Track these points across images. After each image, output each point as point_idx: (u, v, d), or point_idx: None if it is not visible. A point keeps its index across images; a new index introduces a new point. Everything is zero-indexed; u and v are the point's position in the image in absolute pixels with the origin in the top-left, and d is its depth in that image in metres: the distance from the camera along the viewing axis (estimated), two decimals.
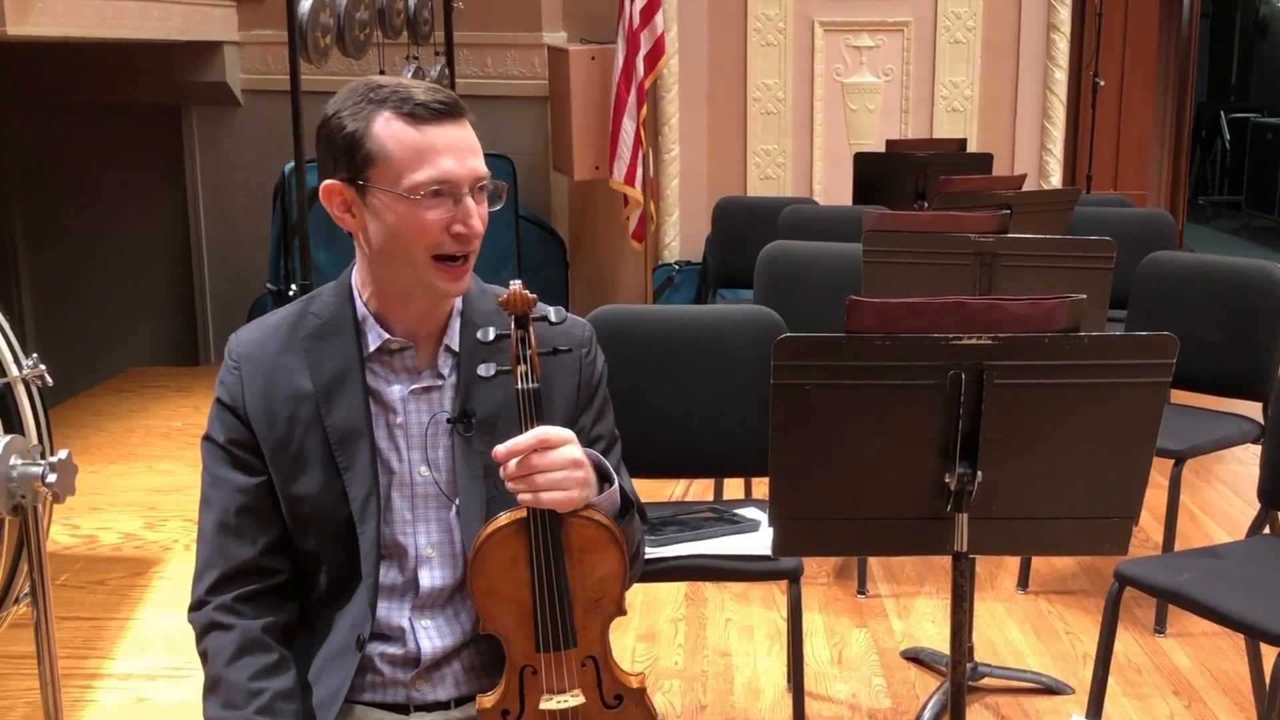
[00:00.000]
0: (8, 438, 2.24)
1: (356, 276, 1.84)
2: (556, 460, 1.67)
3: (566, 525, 1.72)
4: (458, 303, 1.85)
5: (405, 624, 1.82)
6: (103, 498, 4.45)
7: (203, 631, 1.80)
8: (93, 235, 7.05)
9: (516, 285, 1.74)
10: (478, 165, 1.74)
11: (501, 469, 1.68)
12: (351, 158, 1.72)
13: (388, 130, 1.70)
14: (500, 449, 1.67)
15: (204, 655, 1.80)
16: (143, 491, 4.55)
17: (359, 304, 1.83)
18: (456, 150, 1.72)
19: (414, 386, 1.82)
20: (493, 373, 1.73)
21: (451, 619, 1.84)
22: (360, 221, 1.76)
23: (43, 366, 2.53)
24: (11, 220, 7.19)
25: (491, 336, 1.74)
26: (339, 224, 1.79)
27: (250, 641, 1.77)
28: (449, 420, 1.81)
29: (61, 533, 4.08)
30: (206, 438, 1.84)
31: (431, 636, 1.83)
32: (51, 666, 2.32)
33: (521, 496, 1.68)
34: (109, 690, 3.21)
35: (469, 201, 1.72)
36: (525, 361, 1.72)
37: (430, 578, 1.82)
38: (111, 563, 3.96)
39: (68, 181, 7.01)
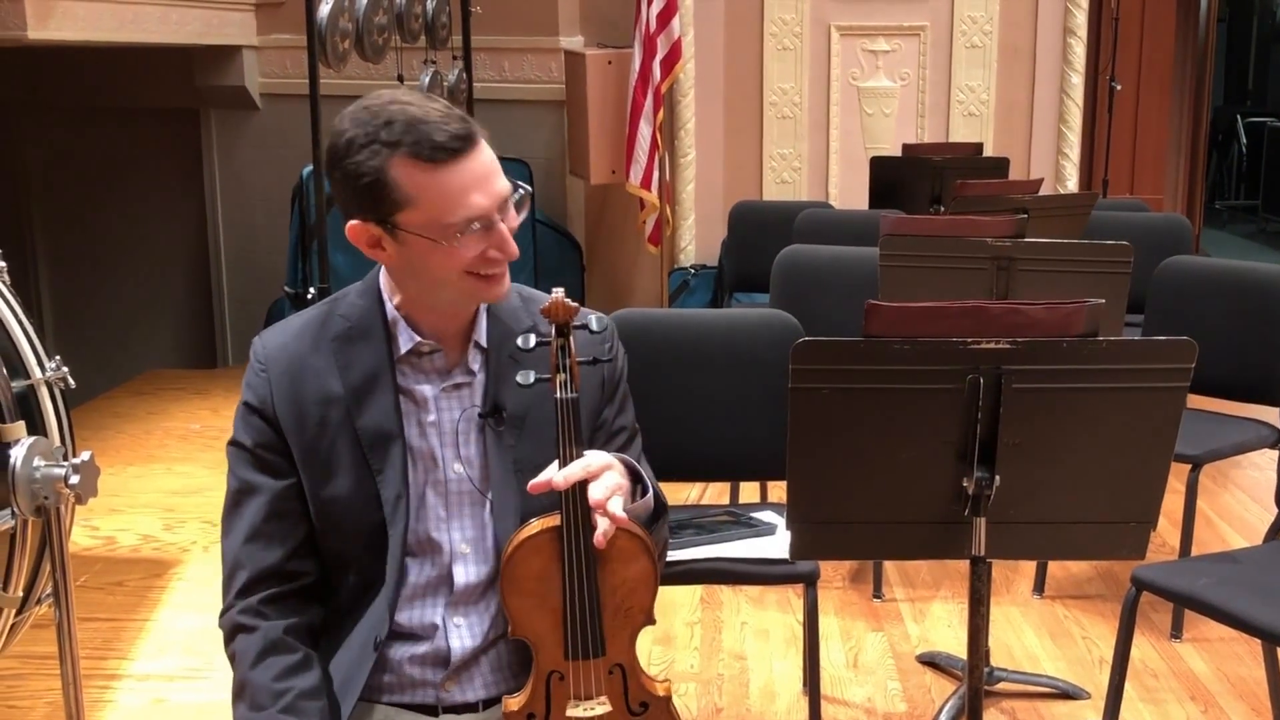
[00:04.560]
0: (31, 439, 2.26)
1: (385, 282, 1.84)
2: (605, 492, 1.68)
3: None
4: None
5: (439, 621, 1.83)
6: (122, 499, 4.48)
7: (229, 635, 1.81)
8: (112, 238, 7.08)
9: (559, 294, 1.74)
10: (502, 186, 1.73)
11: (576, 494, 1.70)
12: (377, 203, 1.70)
13: (409, 178, 1.67)
14: (558, 478, 1.68)
15: (232, 659, 1.81)
16: (161, 493, 4.57)
17: (389, 306, 1.83)
18: (481, 182, 1.70)
19: (445, 384, 1.83)
20: (532, 380, 1.73)
21: (484, 615, 1.84)
22: (391, 254, 1.75)
23: (65, 369, 2.54)
24: (32, 224, 7.23)
25: (532, 344, 1.75)
26: (370, 257, 1.77)
27: (273, 643, 1.78)
28: (480, 415, 1.82)
29: (81, 534, 4.11)
30: (233, 442, 1.83)
31: (463, 635, 1.84)
32: (74, 667, 2.34)
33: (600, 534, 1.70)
34: (128, 691, 3.22)
35: (501, 227, 1.72)
36: (565, 370, 1.73)
37: (465, 574, 1.83)
38: (130, 564, 3.98)
39: (87, 185, 7.04)
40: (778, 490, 3.33)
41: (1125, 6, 7.27)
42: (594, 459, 1.70)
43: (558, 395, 1.72)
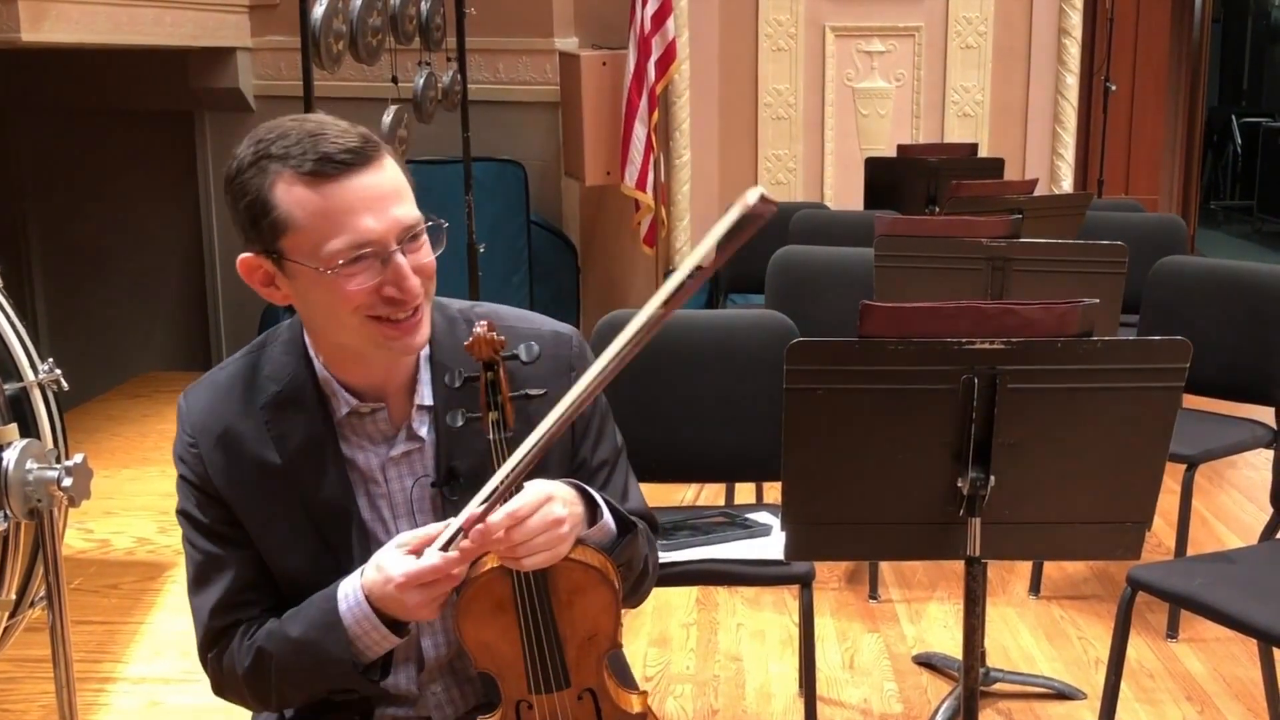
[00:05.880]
0: (24, 442, 2.25)
1: (308, 338, 1.67)
2: (533, 528, 1.50)
3: (553, 570, 1.61)
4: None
5: (415, 690, 1.75)
6: (116, 502, 4.47)
7: (217, 660, 1.71)
8: (106, 240, 7.08)
9: (480, 329, 1.59)
10: (404, 213, 1.52)
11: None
12: (259, 228, 1.53)
13: (291, 195, 1.49)
14: (473, 538, 1.50)
15: (231, 668, 1.69)
16: (156, 496, 4.55)
17: (317, 365, 1.66)
18: (373, 203, 1.50)
19: (393, 453, 1.68)
20: (461, 421, 1.60)
21: (462, 683, 1.77)
22: (286, 294, 1.58)
23: (58, 371, 2.53)
24: (26, 225, 7.22)
25: (459, 382, 1.60)
26: (267, 299, 1.60)
27: (262, 622, 1.69)
28: (433, 485, 1.69)
29: (75, 537, 4.10)
30: (183, 513, 1.71)
31: (443, 703, 1.77)
32: (67, 670, 2.33)
33: (503, 561, 1.56)
34: (122, 694, 3.22)
35: (399, 260, 1.51)
36: (496, 408, 1.60)
37: (435, 646, 1.75)
38: (125, 567, 3.97)
39: (81, 187, 7.03)
40: (773, 491, 3.33)
41: (1120, 7, 7.29)
42: (525, 500, 1.50)
43: (490, 436, 1.59)
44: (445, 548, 1.53)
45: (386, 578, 1.55)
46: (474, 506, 1.50)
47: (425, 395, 1.68)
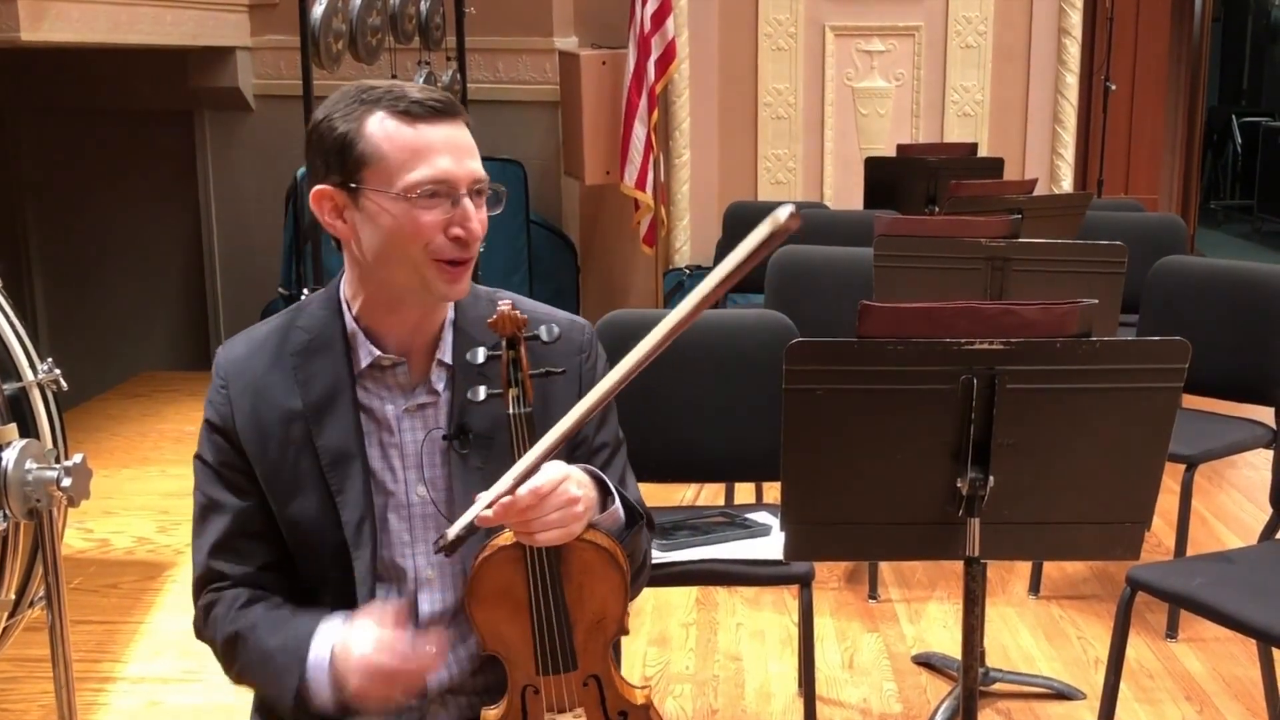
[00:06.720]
0: (23, 442, 2.25)
1: (346, 288, 1.77)
2: (551, 505, 1.58)
3: (565, 550, 1.67)
4: (450, 311, 1.78)
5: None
6: (115, 502, 4.47)
7: (202, 617, 1.77)
8: (106, 240, 7.08)
9: (505, 306, 1.68)
10: (476, 167, 1.68)
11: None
12: (343, 160, 1.66)
13: (382, 129, 1.64)
14: (495, 511, 1.57)
15: (213, 634, 1.76)
16: (155, 495, 4.56)
17: (348, 318, 1.76)
18: (453, 149, 1.66)
19: (409, 404, 1.76)
20: (483, 397, 1.67)
21: (456, 645, 1.78)
22: (352, 226, 1.69)
23: (58, 371, 2.53)
24: (25, 225, 7.22)
25: (481, 359, 1.68)
26: (329, 230, 1.72)
27: (250, 596, 1.74)
28: (445, 438, 1.76)
29: (75, 536, 4.10)
30: (198, 457, 1.79)
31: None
32: (66, 670, 2.33)
33: (518, 537, 1.63)
34: (122, 694, 3.22)
35: (467, 203, 1.66)
36: (517, 384, 1.67)
37: (431, 601, 1.77)
38: (124, 566, 3.98)
39: (81, 186, 7.03)
40: (773, 491, 3.33)
41: (1120, 6, 7.29)
42: (545, 477, 1.58)
43: (510, 410, 1.67)
44: (469, 525, 1.58)
45: (347, 656, 1.63)
46: (501, 486, 1.56)
47: (447, 354, 1.76)
